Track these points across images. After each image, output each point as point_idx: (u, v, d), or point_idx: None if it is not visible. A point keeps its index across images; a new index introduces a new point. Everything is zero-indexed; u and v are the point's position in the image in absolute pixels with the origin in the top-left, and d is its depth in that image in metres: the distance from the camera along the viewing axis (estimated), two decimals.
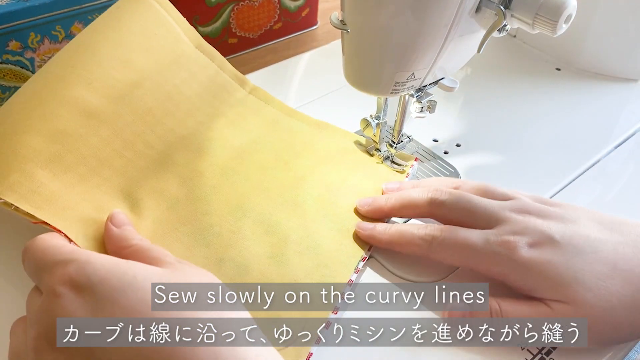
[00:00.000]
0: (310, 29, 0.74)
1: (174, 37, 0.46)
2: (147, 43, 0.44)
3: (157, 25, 0.45)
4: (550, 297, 0.35)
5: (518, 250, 0.36)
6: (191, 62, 0.46)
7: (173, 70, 0.45)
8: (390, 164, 0.48)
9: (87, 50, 0.41)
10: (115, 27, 0.43)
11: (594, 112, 0.58)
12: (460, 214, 0.39)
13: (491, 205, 0.39)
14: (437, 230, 0.38)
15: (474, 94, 0.60)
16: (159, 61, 0.44)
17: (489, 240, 0.37)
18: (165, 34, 0.45)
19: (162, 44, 0.45)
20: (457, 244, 0.38)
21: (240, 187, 0.43)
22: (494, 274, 0.37)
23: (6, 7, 0.48)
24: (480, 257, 0.37)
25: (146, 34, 0.44)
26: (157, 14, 0.45)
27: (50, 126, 0.37)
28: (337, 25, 0.40)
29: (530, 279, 0.36)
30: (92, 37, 0.43)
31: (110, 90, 0.40)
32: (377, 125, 0.48)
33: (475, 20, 0.39)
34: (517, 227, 0.37)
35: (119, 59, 0.42)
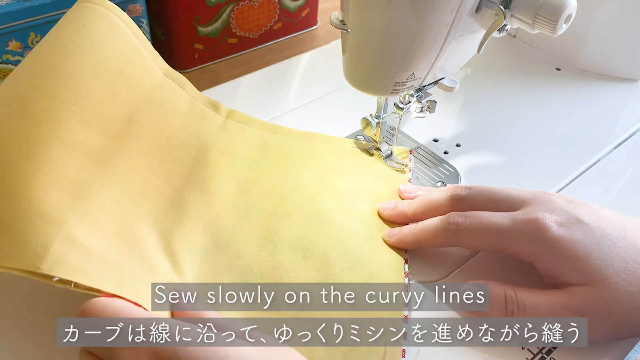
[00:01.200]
0: (310, 29, 0.74)
1: (147, 64, 0.42)
2: (125, 71, 0.40)
3: (128, 50, 0.41)
4: (576, 280, 0.35)
5: (548, 228, 0.35)
6: (167, 92, 0.43)
7: (155, 102, 0.42)
8: (391, 162, 0.48)
9: (69, 77, 0.36)
10: (88, 49, 0.38)
11: (594, 112, 0.58)
12: (483, 205, 0.39)
13: (513, 191, 0.39)
14: (460, 217, 0.38)
15: (474, 94, 0.60)
16: (141, 92, 0.41)
17: (516, 220, 0.36)
18: (138, 60, 0.41)
19: (138, 72, 0.41)
20: (484, 227, 0.37)
21: (261, 220, 0.41)
22: (523, 255, 0.37)
23: (6, 7, 0.48)
24: (509, 239, 0.37)
25: (122, 60, 0.40)
26: (123, 33, 0.41)
27: (64, 177, 0.33)
28: (337, 25, 0.40)
29: (560, 258, 0.35)
30: (67, 60, 0.37)
31: (108, 129, 0.37)
32: (377, 124, 0.48)
33: (475, 20, 0.39)
34: (543, 207, 0.37)
35: (106, 89, 0.38)
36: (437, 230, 0.39)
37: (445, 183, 0.48)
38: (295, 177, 0.45)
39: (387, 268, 0.39)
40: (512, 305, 0.36)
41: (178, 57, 0.65)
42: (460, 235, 0.38)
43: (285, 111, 0.56)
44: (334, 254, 0.39)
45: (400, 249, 0.41)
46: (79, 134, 0.35)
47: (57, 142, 0.34)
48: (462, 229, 0.37)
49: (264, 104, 0.56)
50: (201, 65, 0.66)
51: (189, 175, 0.42)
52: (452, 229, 0.38)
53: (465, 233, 0.38)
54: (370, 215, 0.43)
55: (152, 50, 0.43)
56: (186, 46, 0.64)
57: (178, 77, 0.45)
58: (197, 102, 0.46)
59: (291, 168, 0.46)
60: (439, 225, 0.39)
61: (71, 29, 0.38)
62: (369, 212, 0.43)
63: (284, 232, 0.41)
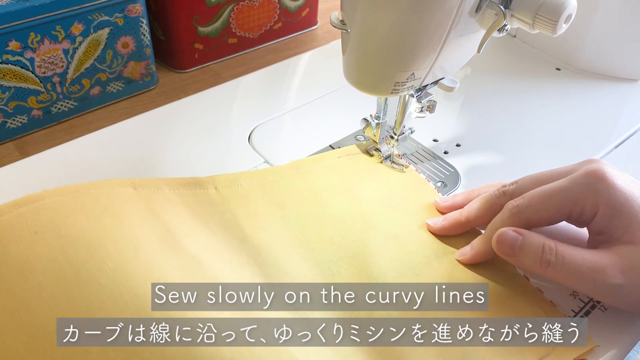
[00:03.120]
0: (310, 29, 0.74)
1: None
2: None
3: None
4: (628, 237, 0.35)
5: (607, 176, 0.36)
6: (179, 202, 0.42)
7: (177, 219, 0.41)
8: (390, 163, 0.48)
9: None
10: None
11: (594, 112, 0.58)
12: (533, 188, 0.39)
13: (559, 168, 0.39)
14: (517, 200, 0.38)
15: (474, 94, 0.60)
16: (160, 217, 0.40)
17: (574, 178, 0.37)
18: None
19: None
20: (545, 196, 0.37)
21: (342, 271, 0.40)
22: (587, 211, 0.36)
23: (6, 7, 0.48)
24: (572, 197, 0.36)
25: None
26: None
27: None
28: (337, 25, 0.40)
29: (617, 209, 0.35)
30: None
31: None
32: (377, 125, 0.48)
33: (475, 20, 0.39)
34: (595, 165, 0.37)
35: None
36: (504, 222, 0.38)
37: (446, 183, 0.48)
38: (336, 212, 0.44)
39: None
40: (549, 255, 0.35)
41: (178, 57, 0.65)
42: (527, 212, 0.37)
43: (285, 111, 0.56)
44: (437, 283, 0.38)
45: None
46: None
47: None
48: (525, 206, 0.37)
49: (264, 104, 0.56)
50: (201, 65, 0.66)
51: (251, 265, 0.39)
52: (515, 212, 0.37)
53: (530, 209, 0.37)
54: (426, 234, 0.43)
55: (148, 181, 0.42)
56: (186, 46, 0.64)
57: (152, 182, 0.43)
58: (178, 193, 0.43)
59: (321, 204, 0.45)
60: (503, 218, 0.38)
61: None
62: (423, 229, 0.43)
63: (380, 268, 0.40)
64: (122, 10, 0.55)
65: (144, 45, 0.59)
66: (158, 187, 0.42)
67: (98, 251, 0.34)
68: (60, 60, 0.53)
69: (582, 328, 0.35)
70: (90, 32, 0.54)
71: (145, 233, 0.37)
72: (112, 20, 0.55)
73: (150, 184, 0.42)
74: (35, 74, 0.52)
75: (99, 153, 0.49)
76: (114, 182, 0.41)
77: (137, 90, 0.61)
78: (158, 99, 0.61)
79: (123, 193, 0.40)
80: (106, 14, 0.54)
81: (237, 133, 0.53)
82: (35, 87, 0.53)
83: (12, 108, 0.53)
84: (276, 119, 0.54)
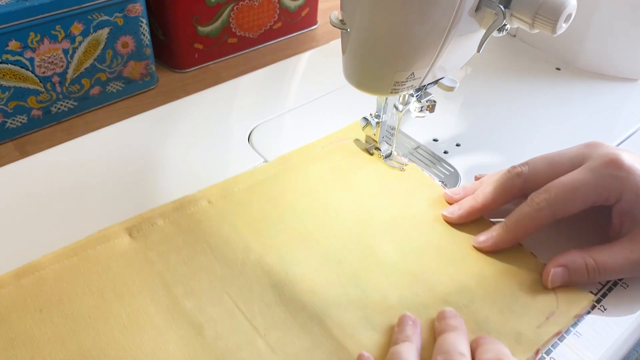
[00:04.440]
0: (310, 29, 0.74)
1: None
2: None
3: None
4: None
5: (625, 164, 0.38)
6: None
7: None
8: (390, 162, 0.48)
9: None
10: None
11: (594, 111, 0.58)
12: (546, 175, 0.40)
13: (564, 152, 0.41)
14: (543, 192, 0.39)
15: (474, 94, 0.60)
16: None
17: (594, 169, 0.38)
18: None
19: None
20: (570, 189, 0.38)
21: (349, 258, 0.41)
22: (612, 198, 0.38)
23: (6, 7, 0.48)
24: (596, 187, 0.38)
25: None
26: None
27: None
28: (337, 25, 0.40)
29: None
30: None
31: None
32: (377, 124, 0.48)
33: (475, 19, 0.39)
34: (605, 149, 0.39)
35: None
36: (531, 215, 0.39)
37: (446, 183, 0.48)
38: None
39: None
40: (593, 273, 0.38)
41: (178, 57, 0.65)
42: (553, 207, 0.39)
43: (285, 111, 0.56)
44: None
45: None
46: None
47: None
48: (552, 201, 0.39)
49: (264, 104, 0.56)
50: (201, 65, 0.66)
51: (258, 281, 0.39)
52: (543, 206, 0.39)
53: (557, 203, 0.39)
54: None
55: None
56: (186, 46, 0.64)
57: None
58: (173, 221, 0.43)
59: (313, 197, 0.45)
60: (529, 211, 0.39)
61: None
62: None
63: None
64: (121, 10, 0.55)
65: (143, 45, 0.59)
66: (152, 222, 0.42)
67: (104, 334, 0.35)
68: (60, 60, 0.53)
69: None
70: (90, 32, 0.54)
71: (147, 304, 0.37)
72: (112, 20, 0.55)
73: (144, 222, 0.42)
74: (35, 74, 0.52)
75: (99, 153, 0.49)
76: (109, 232, 0.41)
77: (136, 90, 0.61)
78: (158, 98, 0.61)
79: (119, 247, 0.41)
80: (106, 14, 0.54)
81: (237, 133, 0.53)
82: (35, 87, 0.53)
83: (11, 108, 0.53)
84: (276, 118, 0.54)
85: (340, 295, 0.38)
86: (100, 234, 0.41)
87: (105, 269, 0.39)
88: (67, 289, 0.38)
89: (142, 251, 0.40)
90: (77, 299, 0.37)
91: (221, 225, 0.43)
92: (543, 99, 0.59)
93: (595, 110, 0.58)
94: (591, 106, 0.59)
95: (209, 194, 0.45)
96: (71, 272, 0.39)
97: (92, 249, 0.40)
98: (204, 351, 0.35)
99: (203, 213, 0.43)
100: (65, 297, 0.37)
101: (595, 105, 0.59)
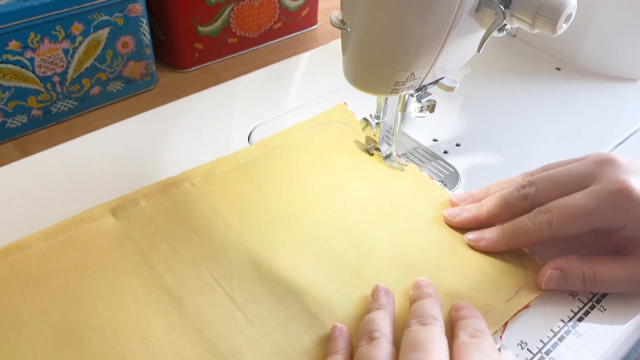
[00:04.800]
0: (310, 29, 0.74)
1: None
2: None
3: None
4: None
5: (634, 195, 0.37)
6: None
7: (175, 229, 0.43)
8: (390, 163, 0.48)
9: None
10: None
11: (594, 111, 0.58)
12: (553, 193, 0.40)
13: (573, 168, 0.40)
14: (546, 213, 0.39)
15: (474, 94, 0.60)
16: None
17: (600, 196, 0.38)
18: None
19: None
20: (572, 215, 0.38)
21: (330, 236, 0.42)
22: (614, 226, 0.38)
23: (6, 7, 0.48)
24: (599, 216, 0.38)
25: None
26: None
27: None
28: (337, 25, 0.40)
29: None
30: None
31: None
32: (377, 124, 0.47)
33: (475, 19, 0.39)
34: (615, 172, 0.38)
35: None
36: (530, 231, 0.39)
37: (446, 183, 0.48)
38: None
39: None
40: (590, 284, 0.38)
41: (178, 57, 0.65)
42: (552, 230, 0.39)
43: (285, 111, 0.56)
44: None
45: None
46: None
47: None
48: (553, 224, 0.38)
49: (264, 104, 0.56)
50: (201, 65, 0.66)
51: (239, 259, 0.41)
52: (543, 226, 0.39)
53: (557, 226, 0.38)
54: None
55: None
56: (186, 46, 0.64)
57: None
58: (156, 202, 0.44)
59: (294, 180, 0.46)
60: (529, 227, 0.39)
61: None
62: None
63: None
64: (122, 10, 0.55)
65: (144, 45, 0.59)
66: (136, 203, 0.43)
67: (88, 308, 0.37)
68: (60, 60, 0.53)
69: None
70: (90, 32, 0.54)
71: (129, 280, 0.38)
72: (112, 20, 0.55)
73: (128, 202, 0.43)
74: (35, 74, 0.52)
75: (99, 153, 0.49)
76: (93, 213, 0.42)
77: (137, 90, 0.61)
78: (158, 98, 0.61)
79: (103, 227, 0.42)
80: (106, 14, 0.54)
81: (237, 133, 0.53)
82: (35, 87, 0.53)
83: (12, 108, 0.53)
84: (276, 118, 0.54)
85: (317, 272, 0.40)
86: (84, 214, 0.42)
87: (89, 247, 0.40)
88: (52, 265, 0.39)
89: (125, 230, 0.42)
90: (62, 275, 0.38)
91: (203, 205, 0.44)
92: (543, 99, 0.59)
93: (595, 110, 0.58)
94: (591, 106, 0.59)
95: (191, 175, 0.46)
96: (56, 250, 0.40)
97: (76, 228, 0.41)
98: (183, 323, 0.36)
99: (186, 194, 0.45)
100: (50, 273, 0.38)
101: (595, 105, 0.59)
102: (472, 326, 0.34)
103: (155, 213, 0.43)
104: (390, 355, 0.33)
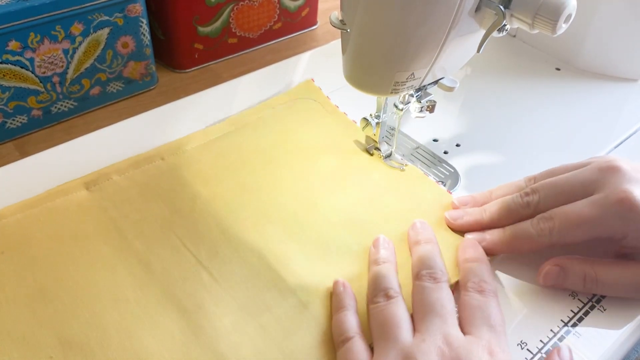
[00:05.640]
0: (310, 29, 0.74)
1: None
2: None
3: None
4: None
5: (634, 206, 0.36)
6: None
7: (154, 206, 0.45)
8: (390, 162, 0.48)
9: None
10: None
11: (594, 112, 0.58)
12: (557, 201, 0.40)
13: (577, 176, 0.40)
14: (548, 221, 0.39)
15: (474, 94, 0.60)
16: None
17: (603, 205, 0.37)
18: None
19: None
20: (574, 223, 0.38)
21: (297, 209, 0.44)
22: (617, 235, 0.38)
23: (6, 7, 0.48)
24: (602, 226, 0.37)
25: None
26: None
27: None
28: (337, 25, 0.40)
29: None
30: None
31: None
32: (377, 124, 0.48)
33: (475, 20, 0.39)
34: (619, 181, 0.38)
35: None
36: (532, 236, 0.39)
37: (445, 183, 0.48)
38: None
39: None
40: (591, 284, 0.38)
41: (178, 57, 0.65)
42: (554, 237, 0.38)
43: None
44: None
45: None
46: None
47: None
48: (555, 232, 0.38)
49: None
50: (201, 65, 0.66)
51: (207, 228, 0.42)
52: (545, 234, 0.39)
53: (559, 234, 0.38)
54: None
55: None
56: (186, 46, 0.64)
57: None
58: (127, 176, 0.46)
59: (264, 155, 0.48)
60: (531, 233, 0.39)
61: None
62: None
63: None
64: (122, 10, 0.55)
65: (143, 45, 0.59)
66: (108, 177, 0.46)
67: (60, 271, 0.39)
68: (60, 60, 0.53)
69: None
70: (90, 32, 0.54)
71: (100, 245, 0.41)
72: (112, 20, 0.55)
73: (101, 177, 0.46)
74: (35, 74, 0.52)
75: (98, 153, 0.49)
76: (68, 187, 0.45)
77: (137, 90, 0.61)
78: (158, 98, 0.61)
79: (77, 199, 0.44)
80: (106, 14, 0.54)
81: None
82: (35, 87, 0.53)
83: (12, 108, 0.53)
84: None
85: (280, 232, 0.42)
86: (59, 188, 0.44)
87: (63, 217, 0.43)
88: (28, 234, 0.41)
89: (97, 202, 0.44)
90: (37, 243, 0.41)
91: (173, 177, 0.46)
92: (543, 99, 0.59)
93: (595, 110, 0.58)
94: (591, 106, 0.59)
95: (162, 151, 0.48)
96: (32, 220, 0.42)
97: (51, 201, 0.44)
98: (150, 282, 0.38)
99: (156, 168, 0.47)
100: (25, 240, 0.41)
101: (595, 105, 0.59)
102: (478, 275, 0.37)
103: (127, 186, 0.45)
104: (407, 312, 0.35)
